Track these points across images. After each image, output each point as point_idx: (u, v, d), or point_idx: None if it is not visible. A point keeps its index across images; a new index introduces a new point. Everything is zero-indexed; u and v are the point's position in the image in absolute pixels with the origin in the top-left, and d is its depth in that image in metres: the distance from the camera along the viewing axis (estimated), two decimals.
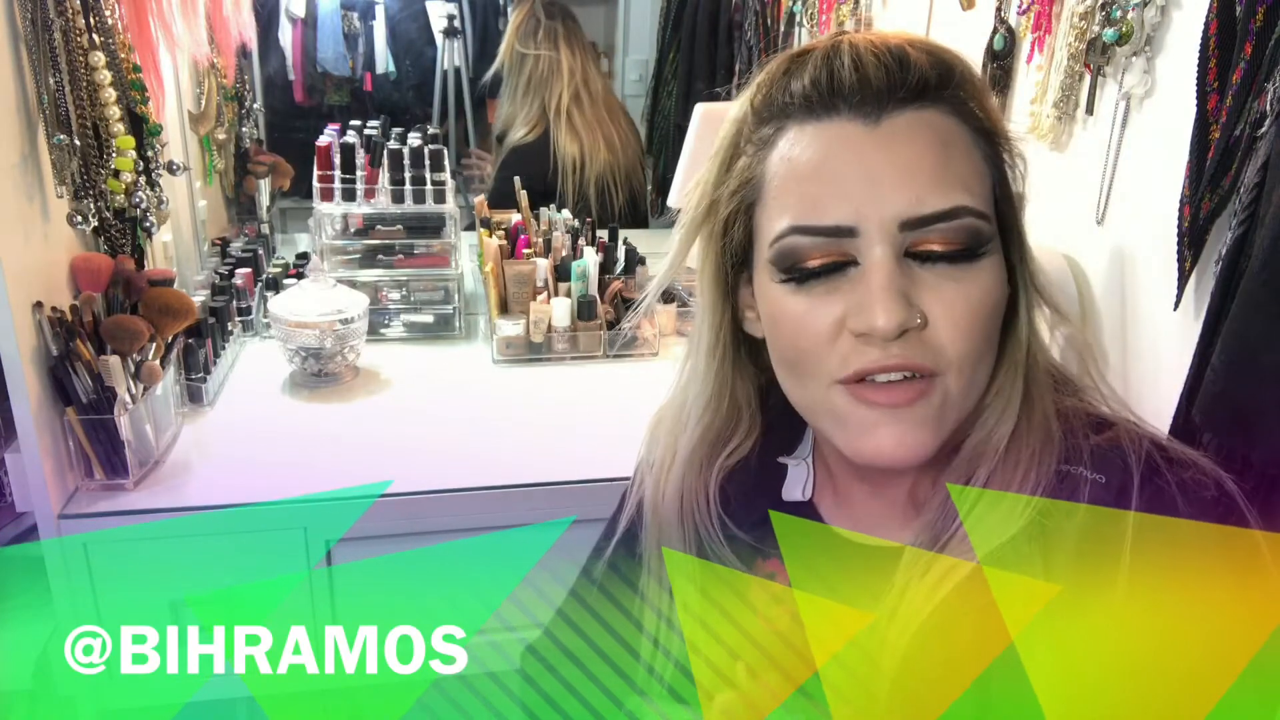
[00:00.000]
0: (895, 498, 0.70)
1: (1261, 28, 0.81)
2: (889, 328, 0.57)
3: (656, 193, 2.49)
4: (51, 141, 1.10)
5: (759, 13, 2.31)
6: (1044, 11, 1.18)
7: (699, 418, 0.74)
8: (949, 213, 0.58)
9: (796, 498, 0.75)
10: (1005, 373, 0.65)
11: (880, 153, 0.58)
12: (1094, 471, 0.62)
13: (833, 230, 0.59)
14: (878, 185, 0.58)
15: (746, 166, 0.64)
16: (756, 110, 0.64)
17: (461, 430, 1.37)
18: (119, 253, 1.25)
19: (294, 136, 2.70)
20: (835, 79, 0.59)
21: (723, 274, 0.68)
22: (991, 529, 0.62)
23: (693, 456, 0.75)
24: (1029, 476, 0.63)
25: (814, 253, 0.59)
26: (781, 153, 0.61)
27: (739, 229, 0.65)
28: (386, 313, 1.68)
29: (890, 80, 0.58)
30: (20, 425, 1.07)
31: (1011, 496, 0.62)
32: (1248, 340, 0.76)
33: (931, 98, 0.60)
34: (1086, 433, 0.64)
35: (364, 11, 2.84)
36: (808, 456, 0.76)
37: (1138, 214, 1.04)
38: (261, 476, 1.22)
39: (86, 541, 1.14)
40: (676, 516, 0.76)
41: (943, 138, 0.59)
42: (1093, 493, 0.61)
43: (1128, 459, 0.61)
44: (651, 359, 1.63)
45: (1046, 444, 0.64)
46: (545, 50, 2.20)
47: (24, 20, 1.06)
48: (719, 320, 0.70)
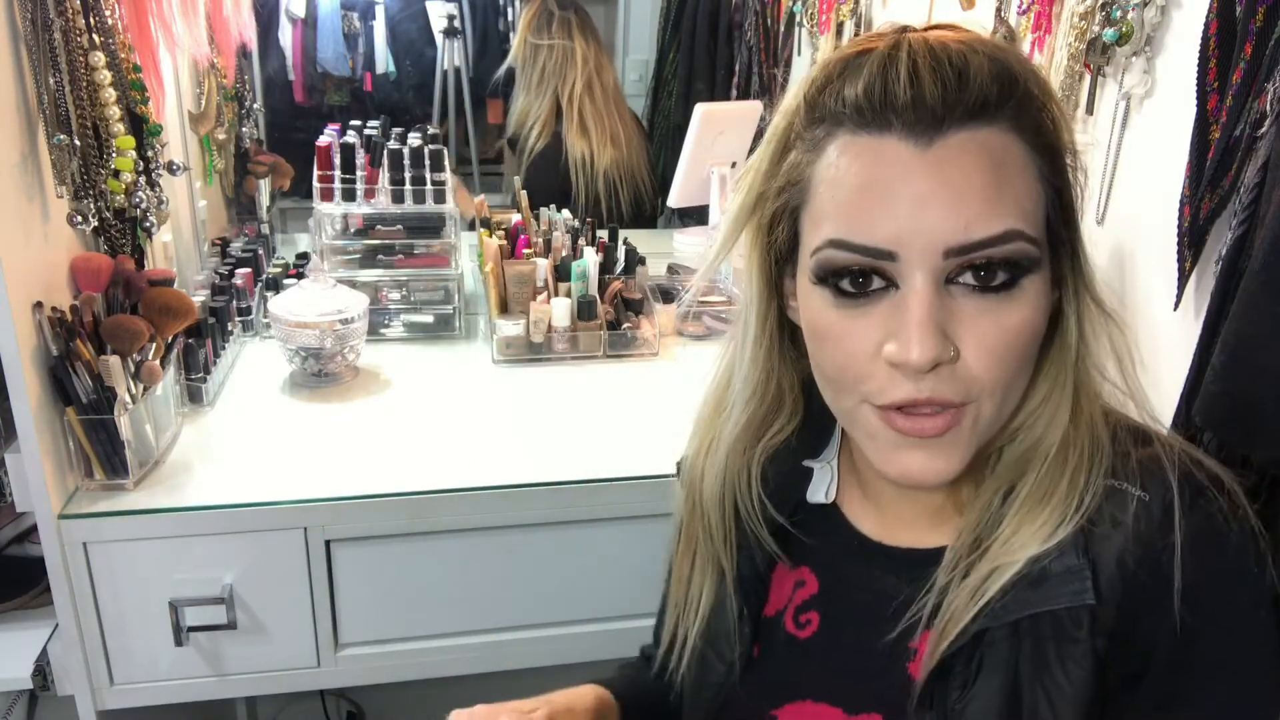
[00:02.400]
0: (929, 498, 0.69)
1: (1261, 28, 0.81)
2: (922, 362, 0.56)
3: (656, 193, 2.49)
4: (51, 141, 1.10)
5: (759, 13, 2.31)
6: (1044, 11, 1.18)
7: (745, 405, 0.74)
8: (998, 238, 0.57)
9: (820, 500, 0.75)
10: (1054, 380, 0.64)
11: (929, 178, 0.56)
12: (1140, 489, 0.61)
13: (872, 251, 0.58)
14: (923, 210, 0.56)
15: (795, 165, 0.63)
16: (810, 106, 0.62)
17: (461, 430, 1.37)
18: (119, 253, 1.25)
19: (294, 136, 2.71)
20: (889, 93, 0.57)
21: (768, 265, 0.68)
22: (1035, 535, 0.61)
23: (737, 443, 0.75)
24: (1075, 484, 0.62)
25: (853, 269, 0.59)
26: (830, 160, 0.60)
27: (784, 229, 0.65)
28: (386, 313, 1.68)
29: (947, 98, 0.56)
30: (20, 425, 1.07)
31: (1055, 504, 0.62)
32: (1248, 340, 0.76)
33: (990, 116, 0.57)
34: (1130, 447, 0.64)
35: (364, 11, 2.84)
36: (833, 460, 0.76)
37: (1138, 214, 1.04)
38: (261, 476, 1.22)
39: (86, 541, 1.14)
40: (717, 497, 0.76)
41: (997, 159, 0.57)
42: (1138, 509, 0.60)
43: (1168, 476, 0.60)
44: (651, 359, 1.63)
45: (1094, 453, 0.63)
46: (560, 39, 2.20)
47: (24, 20, 1.06)
48: (765, 310, 0.70)
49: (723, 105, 2.19)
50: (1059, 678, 0.59)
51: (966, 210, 0.56)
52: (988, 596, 0.61)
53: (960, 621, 0.61)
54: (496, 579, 1.28)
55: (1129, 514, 0.60)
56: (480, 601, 1.29)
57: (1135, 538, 0.59)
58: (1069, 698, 0.59)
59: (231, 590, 1.19)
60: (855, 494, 0.74)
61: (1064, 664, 0.59)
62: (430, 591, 1.27)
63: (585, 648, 1.32)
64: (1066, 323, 0.64)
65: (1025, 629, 0.61)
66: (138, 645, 1.20)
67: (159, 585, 1.17)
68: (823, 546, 0.74)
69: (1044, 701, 0.60)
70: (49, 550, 1.13)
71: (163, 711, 1.28)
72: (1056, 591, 0.60)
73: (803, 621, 0.74)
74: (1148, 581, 0.59)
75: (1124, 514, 0.60)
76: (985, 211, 0.56)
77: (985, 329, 0.58)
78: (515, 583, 1.29)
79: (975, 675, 0.61)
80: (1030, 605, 0.60)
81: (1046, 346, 0.64)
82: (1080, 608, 0.59)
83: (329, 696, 1.89)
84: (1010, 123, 0.58)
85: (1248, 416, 0.76)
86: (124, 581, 1.17)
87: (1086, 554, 0.60)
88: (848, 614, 0.71)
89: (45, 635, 1.23)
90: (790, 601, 0.75)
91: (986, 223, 0.56)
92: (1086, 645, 0.59)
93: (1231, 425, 0.78)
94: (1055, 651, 0.60)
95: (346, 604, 1.24)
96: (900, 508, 0.71)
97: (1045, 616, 0.60)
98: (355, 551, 1.23)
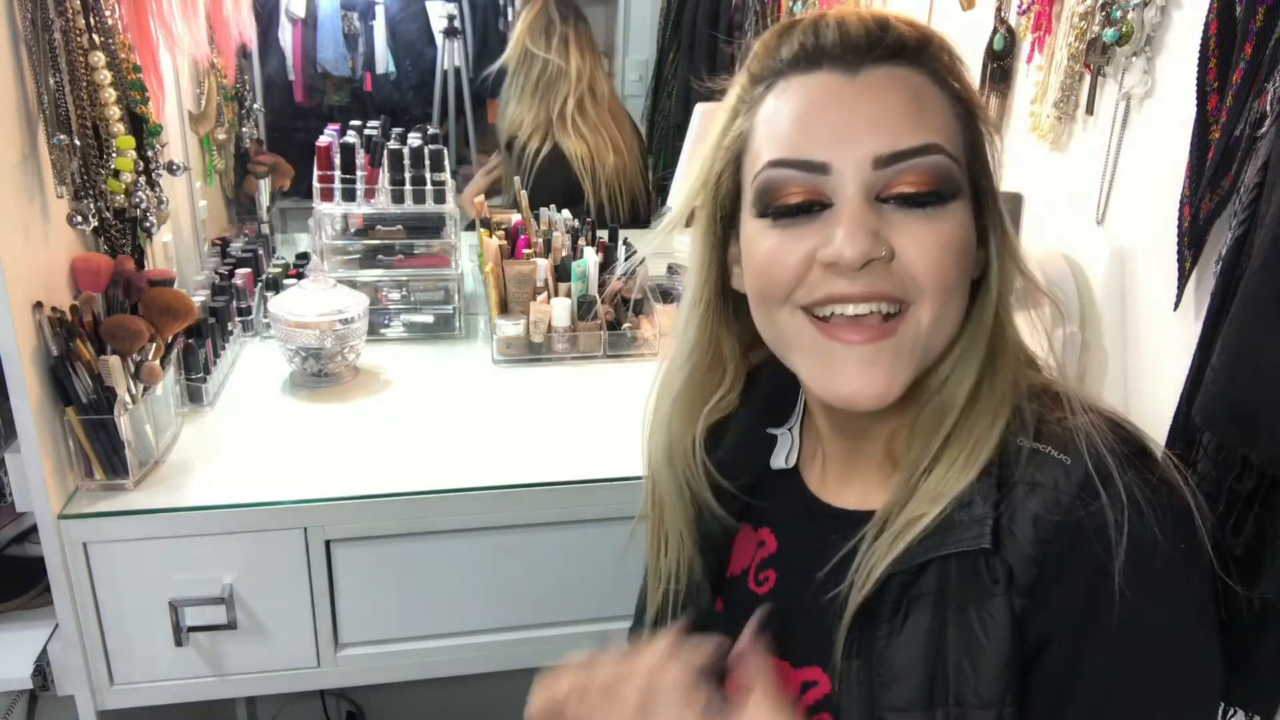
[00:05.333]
0: (872, 454, 0.72)
1: (1261, 28, 0.81)
2: (854, 256, 0.59)
3: (655, 192, 2.49)
4: (51, 141, 1.09)
5: (759, 13, 2.31)
6: (1044, 11, 1.18)
7: (683, 366, 0.77)
8: (921, 149, 0.61)
9: (781, 465, 0.79)
10: (971, 331, 0.66)
11: (857, 99, 0.62)
12: (1062, 453, 0.62)
13: (806, 164, 0.62)
14: (853, 127, 0.61)
15: (738, 125, 0.68)
16: (751, 75, 0.68)
17: (461, 430, 1.37)
18: (119, 253, 1.25)
19: (294, 136, 2.71)
20: (820, 38, 0.63)
21: (713, 229, 0.71)
22: (944, 487, 0.64)
23: (677, 403, 0.78)
24: (982, 440, 0.64)
25: (791, 188, 0.62)
26: (767, 105, 0.65)
27: (728, 179, 0.68)
28: (386, 313, 1.68)
29: (870, 38, 0.62)
30: (20, 425, 1.07)
31: (962, 458, 0.64)
32: (1248, 340, 0.76)
33: (909, 58, 0.63)
34: (1052, 411, 0.65)
35: (364, 11, 2.84)
36: (794, 426, 0.79)
37: (1138, 214, 1.04)
38: (261, 476, 1.22)
39: (86, 541, 1.14)
40: (666, 464, 0.80)
41: (915, 90, 0.62)
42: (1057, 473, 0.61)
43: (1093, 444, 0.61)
44: (651, 359, 1.63)
45: (1005, 411, 0.65)
46: (556, 57, 2.20)
47: (24, 20, 1.06)
48: (706, 274, 0.73)
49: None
50: (975, 629, 0.61)
51: (892, 125, 0.61)
52: (903, 545, 0.63)
53: (875, 572, 0.64)
54: (496, 579, 1.28)
55: (1046, 475, 0.62)
56: (480, 601, 1.29)
57: (1054, 501, 0.61)
58: (986, 649, 0.61)
59: (231, 590, 1.19)
60: (815, 459, 0.77)
61: (980, 615, 0.61)
62: (430, 591, 1.27)
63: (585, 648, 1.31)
64: (988, 279, 0.67)
65: (948, 581, 0.62)
66: (138, 645, 1.20)
67: (159, 585, 1.17)
68: (781, 509, 0.78)
69: (963, 651, 0.62)
70: (49, 550, 1.13)
71: (163, 711, 1.28)
72: (958, 537, 0.62)
73: (761, 579, 0.77)
74: (1066, 546, 0.60)
75: (1042, 475, 0.62)
76: (909, 127, 0.61)
77: (919, 232, 0.61)
78: (515, 583, 1.29)
79: (901, 625, 0.63)
80: (933, 549, 0.63)
81: (973, 303, 0.66)
82: (993, 559, 0.61)
83: (329, 696, 1.89)
84: (927, 70, 0.64)
85: (1247, 417, 0.76)
86: (124, 581, 1.17)
87: (997, 508, 0.62)
88: (799, 572, 0.74)
89: (45, 635, 1.23)
90: (753, 561, 0.79)
91: (910, 136, 0.61)
92: (1003, 600, 0.61)
93: (1231, 426, 0.78)
94: (974, 602, 0.62)
95: (346, 604, 1.24)
96: (850, 469, 0.74)
97: (957, 564, 0.62)
98: (355, 551, 1.23)
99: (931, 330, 0.63)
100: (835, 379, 0.63)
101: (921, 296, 0.62)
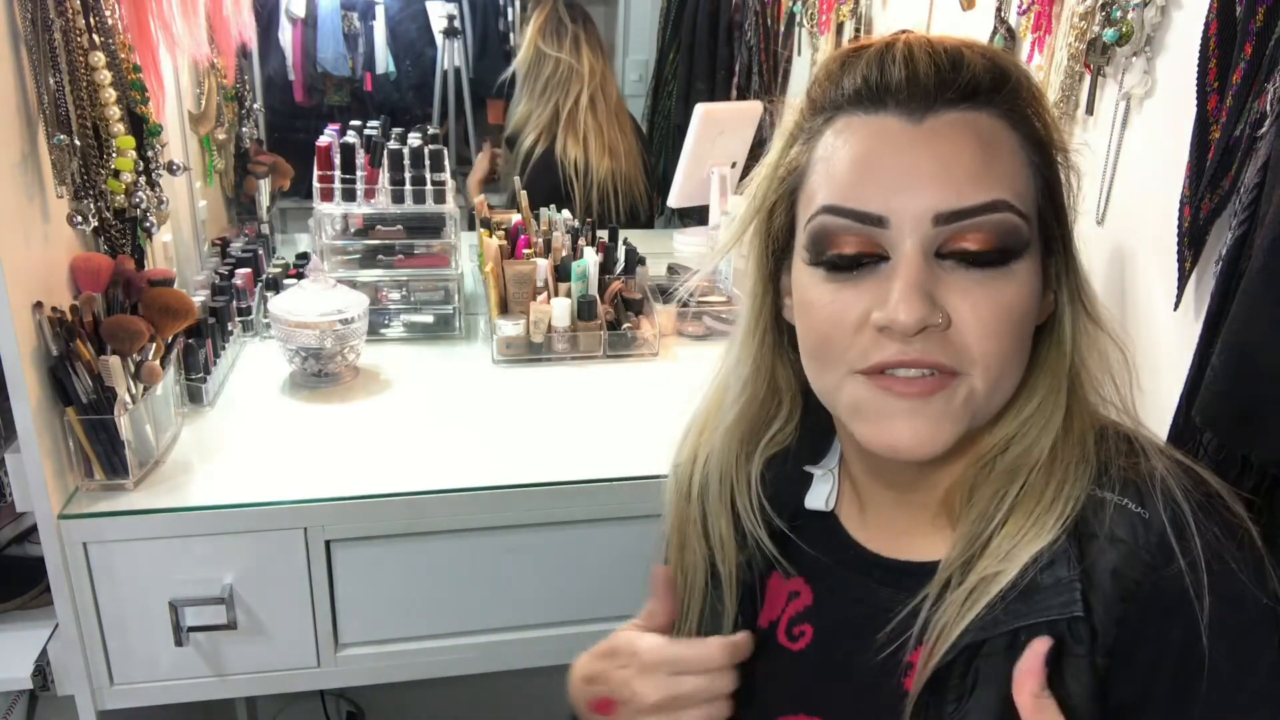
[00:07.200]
0: (924, 505, 0.68)
1: (1261, 28, 0.81)
2: (909, 322, 0.56)
3: (655, 193, 2.49)
4: (51, 141, 1.10)
5: (759, 13, 2.31)
6: (1044, 11, 1.18)
7: (736, 399, 0.73)
8: (987, 206, 0.57)
9: (819, 507, 0.74)
10: (1048, 386, 0.64)
11: (920, 148, 0.58)
12: (1139, 506, 0.60)
13: (863, 216, 0.59)
14: (914, 178, 0.58)
15: (795, 156, 0.65)
16: (812, 101, 0.65)
17: (461, 430, 1.37)
18: (119, 253, 1.25)
19: (294, 136, 2.71)
20: (885, 75, 0.59)
21: (766, 260, 0.69)
22: (1021, 547, 0.60)
23: (730, 440, 0.74)
24: (1062, 495, 0.61)
25: (845, 238, 0.60)
26: (826, 141, 0.62)
27: (782, 213, 0.66)
28: (386, 313, 1.68)
29: (940, 79, 0.58)
30: (20, 425, 1.07)
31: (1041, 515, 0.61)
32: (1248, 340, 0.76)
33: (982, 101, 0.59)
34: (1125, 460, 0.62)
35: (364, 11, 2.84)
36: (834, 467, 0.75)
37: (1138, 214, 1.04)
38: (261, 476, 1.22)
39: (86, 541, 1.14)
40: (715, 498, 0.75)
41: (986, 139, 0.59)
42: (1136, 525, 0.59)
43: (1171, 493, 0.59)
44: (651, 359, 1.63)
45: (1084, 463, 0.62)
46: (568, 56, 2.22)
47: (24, 20, 1.06)
48: (760, 305, 0.70)
49: (723, 105, 2.19)
50: (1057, 692, 0.56)
51: (956, 180, 0.57)
52: (977, 609, 0.60)
53: (950, 635, 0.60)
54: (496, 579, 1.28)
55: (1124, 529, 0.59)
56: (480, 601, 1.29)
57: (1133, 556, 0.58)
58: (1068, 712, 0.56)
59: (231, 590, 1.19)
60: (853, 504, 0.73)
61: (1062, 678, 0.58)
62: (430, 591, 1.27)
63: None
64: (1061, 327, 0.64)
65: (1018, 641, 0.59)
66: (138, 645, 1.20)
67: (159, 585, 1.17)
68: (819, 555, 0.73)
69: None
70: (49, 550, 1.13)
71: (163, 711, 1.28)
72: (1045, 603, 0.59)
73: (796, 634, 0.73)
74: (1149, 603, 0.57)
75: (1120, 529, 0.59)
76: (974, 182, 0.57)
77: (977, 299, 0.58)
78: (515, 583, 1.29)
79: (970, 689, 0.60)
80: (1020, 618, 0.59)
81: (1042, 350, 0.64)
82: (1079, 622, 0.58)
83: (329, 696, 1.89)
84: (1001, 110, 0.60)
85: (1248, 417, 0.76)
86: (124, 581, 1.17)
87: (1079, 565, 0.59)
88: (841, 626, 0.70)
89: (45, 635, 1.23)
90: (784, 613, 0.74)
91: (975, 191, 0.57)
92: (1086, 661, 0.58)
93: (1231, 425, 0.78)
94: (1053, 666, 0.57)
95: (346, 604, 1.24)
96: (896, 517, 0.70)
97: (1041, 629, 0.58)
98: (355, 552, 1.23)
99: (986, 397, 0.60)
100: (881, 428, 0.60)
101: (973, 367, 0.59)
